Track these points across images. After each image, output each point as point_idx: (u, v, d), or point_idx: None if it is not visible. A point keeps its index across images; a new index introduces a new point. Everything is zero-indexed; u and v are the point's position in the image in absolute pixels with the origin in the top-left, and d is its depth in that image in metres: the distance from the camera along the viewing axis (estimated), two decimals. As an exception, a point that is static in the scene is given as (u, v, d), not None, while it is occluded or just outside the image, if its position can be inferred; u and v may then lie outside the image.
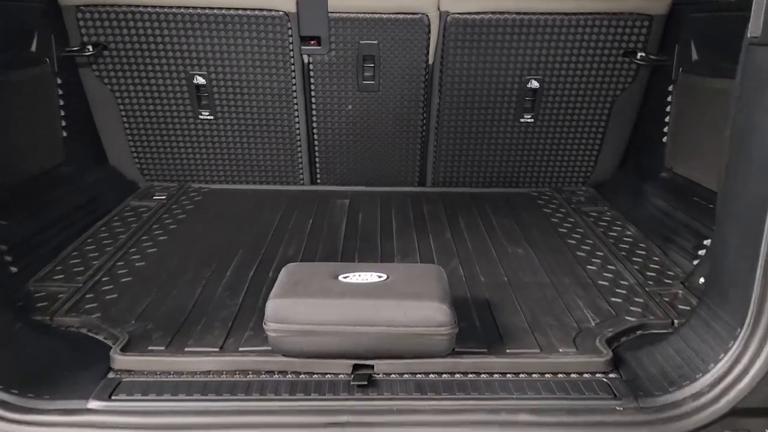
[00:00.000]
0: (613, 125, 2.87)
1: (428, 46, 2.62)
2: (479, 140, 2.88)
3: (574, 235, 2.48)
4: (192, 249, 2.30)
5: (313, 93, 2.74)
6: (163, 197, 2.83)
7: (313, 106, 2.78)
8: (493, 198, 2.91)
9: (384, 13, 2.56)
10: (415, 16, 2.56)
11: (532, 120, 2.83)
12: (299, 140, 2.86)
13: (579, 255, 2.30)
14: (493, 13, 2.56)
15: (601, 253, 2.31)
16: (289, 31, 2.57)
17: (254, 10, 2.53)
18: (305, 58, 2.66)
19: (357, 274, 1.69)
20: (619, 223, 2.60)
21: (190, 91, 2.72)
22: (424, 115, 2.81)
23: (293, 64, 2.65)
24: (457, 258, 2.25)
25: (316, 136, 2.87)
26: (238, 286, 2.00)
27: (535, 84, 2.73)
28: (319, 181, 3.03)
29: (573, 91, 2.76)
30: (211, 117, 2.79)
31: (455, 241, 2.42)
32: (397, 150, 2.91)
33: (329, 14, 2.55)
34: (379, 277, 1.68)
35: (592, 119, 2.84)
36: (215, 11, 2.54)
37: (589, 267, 2.19)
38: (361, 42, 2.61)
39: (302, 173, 2.98)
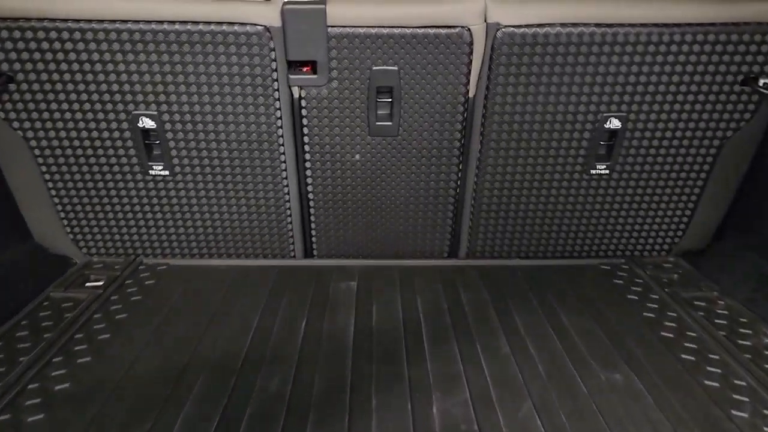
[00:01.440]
0: (717, 176, 2.09)
1: (469, 72, 1.85)
2: (533, 198, 2.11)
3: (688, 345, 1.70)
4: (124, 384, 1.52)
5: (306, 139, 1.96)
6: (101, 282, 2.04)
7: (307, 156, 2.00)
8: (551, 275, 2.13)
9: (407, 27, 1.79)
10: (452, 30, 1.80)
11: (608, 171, 2.06)
12: (288, 201, 2.09)
13: (709, 386, 1.51)
14: (563, 25, 1.79)
15: (743, 383, 1.52)
16: (272, 54, 1.80)
17: (222, 23, 1.77)
18: (295, 91, 1.89)
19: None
20: (744, 320, 1.82)
21: (135, 138, 1.94)
22: (460, 166, 2.04)
23: (278, 100, 1.88)
24: (528, 398, 1.47)
25: (311, 196, 2.09)
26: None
27: (615, 123, 1.96)
28: (315, 253, 2.24)
29: (668, 132, 1.99)
30: (166, 172, 2.02)
31: (517, 359, 1.63)
32: (422, 212, 2.13)
33: (329, 29, 1.78)
34: None
35: (690, 168, 2.07)
36: (167, 26, 1.77)
37: (736, 413, 1.41)
38: (374, 68, 1.84)
39: (293, 244, 2.20)
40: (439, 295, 1.99)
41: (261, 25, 1.77)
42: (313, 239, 2.21)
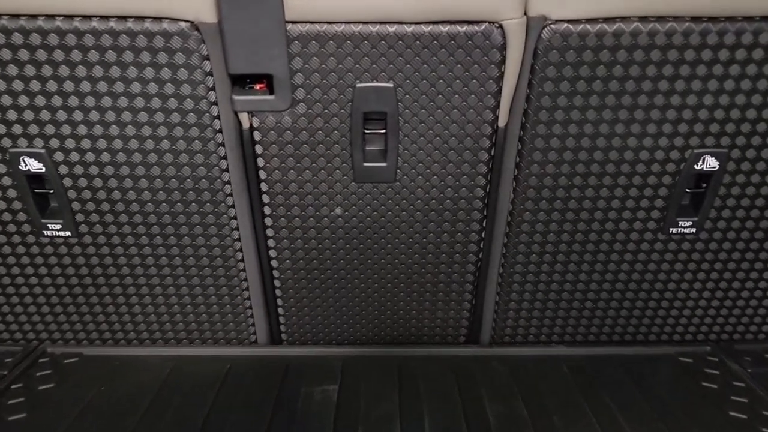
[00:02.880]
0: None
1: (499, 90, 1.25)
2: (584, 265, 1.49)
3: None
4: None
5: (264, 186, 1.36)
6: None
7: (266, 211, 1.40)
8: (611, 373, 1.51)
9: (407, 23, 1.19)
10: (475, 27, 1.19)
11: (694, 229, 1.44)
12: (242, 271, 1.48)
13: None
14: (642, 18, 1.19)
15: None
16: (205, 64, 1.20)
17: (128, 19, 1.17)
18: (244, 120, 1.29)
19: None
20: None
21: (19, 186, 1.34)
22: (484, 223, 1.43)
23: (219, 131, 1.28)
24: None
25: (274, 263, 1.48)
26: None
27: (711, 163, 1.35)
28: (284, 338, 1.63)
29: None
30: (68, 233, 1.41)
31: None
32: (429, 284, 1.52)
33: (288, 26, 1.18)
34: None
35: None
36: (43, 24, 1.17)
37: None
38: (358, 85, 1.23)
39: (252, 326, 1.59)
40: (456, 412, 1.37)
41: (185, 21, 1.17)
42: (281, 320, 1.60)
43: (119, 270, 1.49)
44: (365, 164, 1.33)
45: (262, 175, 1.35)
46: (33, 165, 1.33)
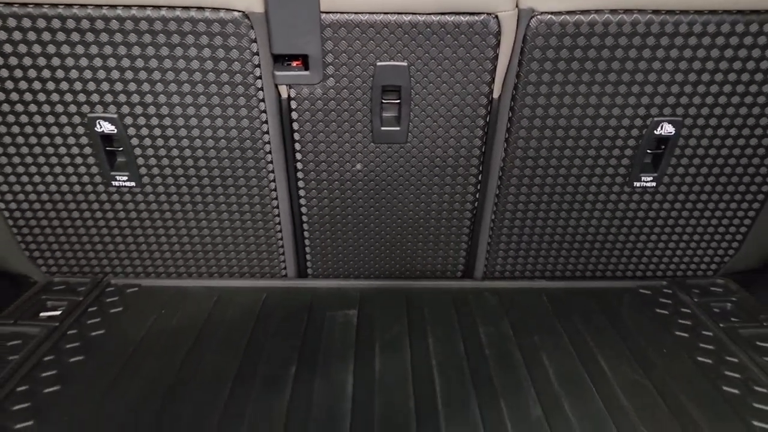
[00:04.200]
0: (784, 188, 1.77)
1: (494, 69, 1.52)
2: (563, 213, 1.79)
3: (758, 406, 1.40)
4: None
5: (298, 146, 1.64)
6: (58, 312, 1.74)
7: (299, 166, 1.68)
8: (582, 301, 1.83)
9: (419, 14, 1.45)
10: (475, 17, 1.46)
11: (654, 183, 1.73)
12: (277, 216, 1.78)
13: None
14: (613, 11, 1.45)
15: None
16: (253, 45, 1.47)
17: (190, 9, 1.43)
18: (283, 91, 1.56)
19: None
20: (820, 370, 1.52)
21: (94, 144, 1.62)
22: (480, 177, 1.72)
23: (262, 100, 1.56)
24: (570, 491, 1.17)
25: (304, 210, 1.78)
26: None
27: (668, 129, 1.63)
28: (310, 273, 1.94)
29: (728, 139, 1.66)
30: (132, 183, 1.70)
31: (551, 424, 1.34)
32: (433, 227, 1.82)
33: (323, 16, 1.44)
34: None
35: (751, 181, 1.75)
36: (121, 12, 1.43)
37: None
38: (378, 64, 1.51)
39: (284, 262, 1.89)
40: (454, 332, 1.69)
41: (238, 11, 1.43)
42: (308, 257, 1.90)
43: (174, 214, 1.78)
44: (382, 128, 1.61)
45: (297, 136, 1.63)
46: (107, 127, 1.60)
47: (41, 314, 1.73)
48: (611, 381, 1.48)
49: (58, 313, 1.74)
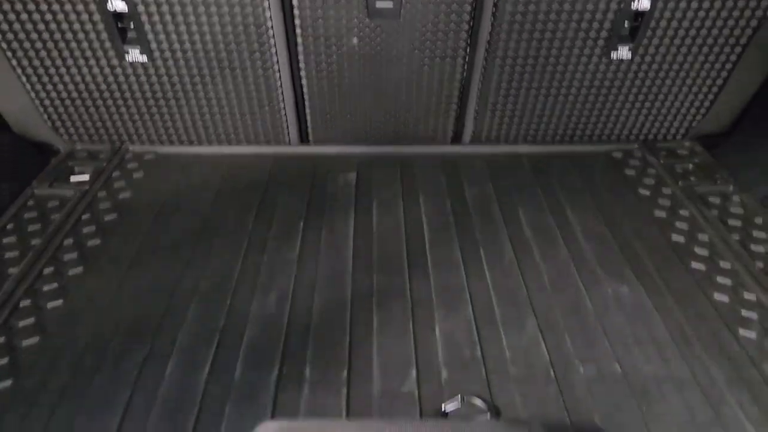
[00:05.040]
0: (749, 59, 1.91)
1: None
2: (545, 81, 1.94)
3: (699, 252, 1.64)
4: (117, 301, 1.47)
5: (297, 21, 1.76)
6: (86, 176, 1.94)
7: (299, 39, 1.80)
8: (560, 164, 2.03)
9: None
10: None
11: (630, 54, 1.87)
12: (280, 87, 1.92)
13: (718, 302, 1.48)
14: None
15: (753, 297, 1.49)
16: None
17: None
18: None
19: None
20: (759, 221, 1.75)
21: (107, 22, 1.73)
22: (467, 50, 1.85)
23: None
24: (533, 314, 1.43)
25: (304, 81, 1.92)
26: (188, 384, 1.21)
27: (645, 4, 1.74)
28: (311, 139, 2.11)
29: (701, 12, 1.78)
30: (144, 57, 1.83)
31: (522, 267, 1.58)
32: (425, 96, 1.97)
33: None
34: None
35: (720, 51, 1.89)
36: None
37: (744, 334, 1.38)
38: (373, -59, 1.59)
39: (287, 129, 2.06)
40: (442, 191, 1.90)
41: None
42: (308, 124, 2.07)
43: (184, 86, 1.92)
44: (377, 5, 1.71)
45: (296, 12, 1.74)
46: (118, 6, 1.71)
47: (71, 178, 1.93)
48: (576, 232, 1.71)
49: (86, 177, 1.93)
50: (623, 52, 1.87)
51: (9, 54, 1.81)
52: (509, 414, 1.19)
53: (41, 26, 1.75)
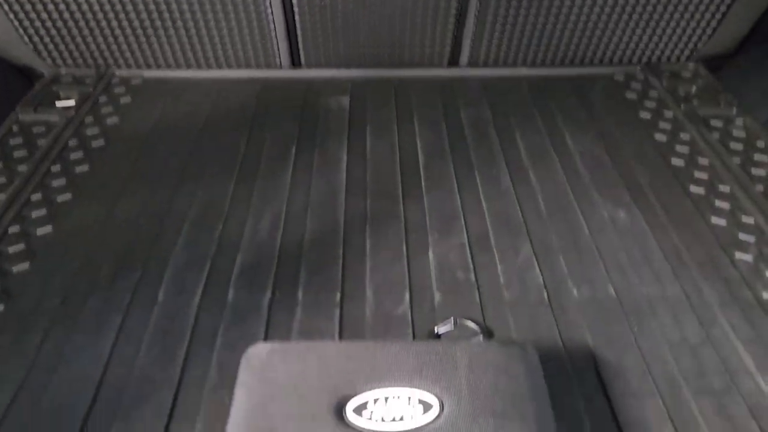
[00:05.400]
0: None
1: None
2: (544, 1, 1.86)
3: (699, 176, 1.62)
4: (107, 228, 1.45)
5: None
6: (72, 102, 1.88)
7: (288, -46, 1.71)
8: (559, 87, 1.97)
9: None
10: None
11: (634, -32, 1.78)
12: (269, 8, 1.84)
13: (716, 225, 1.46)
14: None
15: (751, 221, 1.47)
16: None
17: None
18: None
19: (382, 396, 0.88)
20: (761, 145, 1.71)
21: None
22: (465, -34, 1.76)
23: None
24: (527, 240, 1.42)
25: (295, 1, 1.84)
26: (177, 314, 1.21)
27: None
28: (303, 62, 2.05)
29: None
30: (127, -26, 1.74)
31: (518, 191, 1.56)
32: (420, 17, 1.89)
33: None
34: (422, 406, 0.88)
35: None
36: None
37: (740, 257, 1.37)
38: None
39: (278, 51, 1.99)
40: (438, 114, 1.85)
41: None
42: (300, 46, 1.99)
43: (169, 6, 1.84)
44: None
45: None
46: None
47: (57, 104, 1.87)
48: (574, 156, 1.68)
49: (72, 103, 1.87)
50: (628, -33, 1.78)
51: (-17, -29, 1.72)
52: (502, 336, 1.19)
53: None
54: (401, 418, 0.85)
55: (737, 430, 1.02)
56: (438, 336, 1.18)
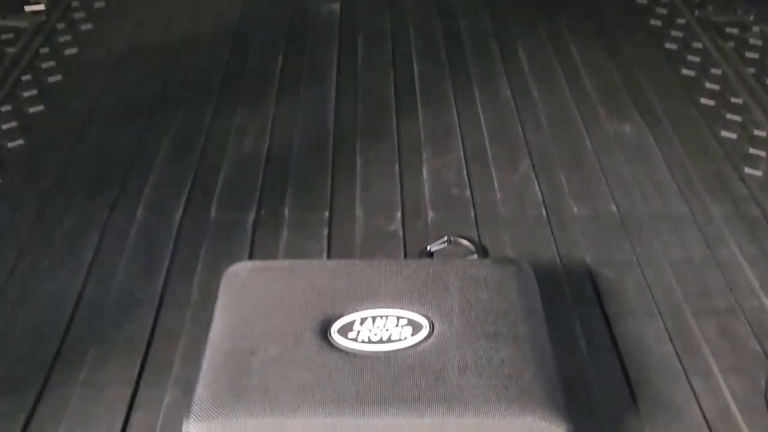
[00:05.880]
0: None
1: None
2: None
3: (710, 87, 1.53)
4: (82, 147, 1.37)
5: None
6: (42, 6, 1.76)
7: None
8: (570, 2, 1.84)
9: None
10: None
11: None
12: None
13: (725, 139, 1.38)
14: None
15: (763, 134, 1.39)
16: None
17: None
18: None
19: (370, 316, 0.84)
20: (778, 54, 1.61)
21: None
22: None
23: None
24: (528, 156, 1.34)
25: None
26: (150, 252, 1.14)
27: None
28: (291, -36, 1.90)
29: None
30: None
31: (518, 104, 1.47)
32: None
33: None
34: (411, 327, 0.83)
35: None
36: None
37: (749, 171, 1.30)
38: None
39: (263, -47, 1.85)
40: (435, 24, 1.74)
41: None
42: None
43: None
44: None
45: None
46: None
47: (25, 8, 1.75)
48: (579, 67, 1.58)
49: (42, 6, 1.75)
50: None
51: None
52: (497, 254, 1.13)
53: None
54: (389, 339, 0.80)
55: (739, 351, 0.98)
56: (431, 254, 1.13)
